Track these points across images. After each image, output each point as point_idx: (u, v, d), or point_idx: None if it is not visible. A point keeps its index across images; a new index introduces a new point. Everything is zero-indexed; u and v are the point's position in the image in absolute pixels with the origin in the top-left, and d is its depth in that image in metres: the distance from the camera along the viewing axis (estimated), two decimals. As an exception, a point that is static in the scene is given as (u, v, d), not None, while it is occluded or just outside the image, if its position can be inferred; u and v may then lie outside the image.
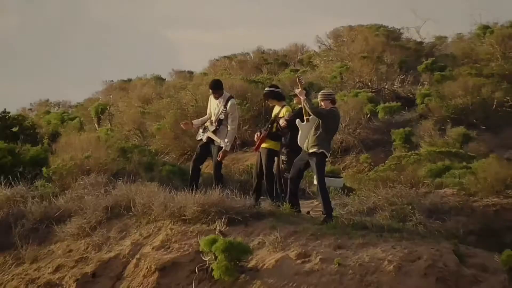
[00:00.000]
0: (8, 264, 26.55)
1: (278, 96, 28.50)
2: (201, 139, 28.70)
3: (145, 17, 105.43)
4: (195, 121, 28.81)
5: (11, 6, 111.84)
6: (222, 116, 28.28)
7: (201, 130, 28.70)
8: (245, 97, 38.76)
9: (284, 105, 28.19)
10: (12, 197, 27.90)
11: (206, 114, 28.67)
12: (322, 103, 26.80)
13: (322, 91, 27.65)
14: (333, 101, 27.04)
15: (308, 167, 27.11)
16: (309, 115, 26.14)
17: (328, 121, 26.46)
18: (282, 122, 27.52)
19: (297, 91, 26.68)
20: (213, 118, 28.42)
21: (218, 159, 28.24)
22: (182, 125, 29.30)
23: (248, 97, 38.84)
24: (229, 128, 28.34)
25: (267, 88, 29.36)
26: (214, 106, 28.70)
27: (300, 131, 26.39)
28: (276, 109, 28.07)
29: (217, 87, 29.01)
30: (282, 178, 27.95)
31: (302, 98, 26.40)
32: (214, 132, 28.26)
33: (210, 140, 28.48)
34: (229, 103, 28.47)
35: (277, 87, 29.57)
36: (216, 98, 28.63)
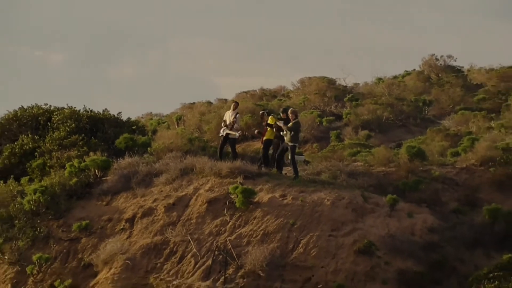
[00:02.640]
0: (129, 197, 26.37)
1: (268, 113, 28.61)
2: (222, 135, 28.68)
3: (204, 70, 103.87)
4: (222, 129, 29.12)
5: (128, 62, 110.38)
6: (233, 122, 28.32)
7: (222, 130, 28.71)
8: (254, 113, 38.58)
9: (271, 116, 28.16)
10: (132, 162, 27.74)
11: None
12: (290, 115, 26.80)
13: (291, 109, 27.62)
14: (297, 115, 27.09)
15: (287, 150, 27.04)
16: (287, 130, 26.27)
17: (297, 129, 26.49)
18: (276, 125, 27.61)
19: (280, 123, 26.91)
20: (228, 123, 28.39)
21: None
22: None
23: (255, 112, 38.66)
24: (235, 126, 28.34)
25: (262, 111, 29.82)
26: (228, 116, 28.57)
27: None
28: (269, 120, 27.94)
29: (237, 105, 29.24)
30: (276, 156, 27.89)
31: (282, 127, 26.60)
32: (230, 129, 28.31)
33: (227, 135, 28.38)
34: (237, 116, 28.55)
35: (266, 109, 30.15)
36: (233, 110, 28.65)
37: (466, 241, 23.49)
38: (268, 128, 27.92)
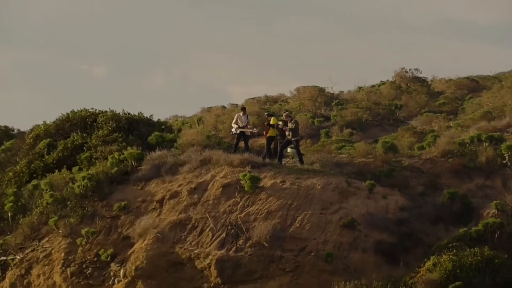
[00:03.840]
0: (159, 183, 26.08)
1: (271, 115, 28.47)
2: (236, 132, 28.40)
3: (219, 80, 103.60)
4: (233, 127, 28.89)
5: (158, 74, 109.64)
6: (246, 123, 28.20)
7: (233, 129, 28.50)
8: (259, 115, 38.33)
9: (273, 117, 28.13)
10: (161, 155, 27.06)
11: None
12: (287, 118, 26.99)
13: (286, 113, 28.01)
14: (291, 118, 27.24)
15: (289, 144, 27.16)
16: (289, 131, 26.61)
17: (297, 126, 26.61)
18: (279, 125, 27.58)
19: (281, 125, 27.21)
20: (241, 125, 28.22)
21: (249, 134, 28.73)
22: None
23: (260, 115, 38.38)
24: (249, 127, 28.26)
25: (266, 112, 29.74)
26: (242, 119, 28.25)
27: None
28: (271, 121, 27.88)
29: (245, 109, 29.04)
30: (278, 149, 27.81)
31: (284, 128, 26.93)
32: (243, 128, 28.14)
33: (241, 132, 28.16)
34: (249, 118, 28.47)
35: (269, 112, 30.34)
36: (243, 114, 28.49)
37: (429, 217, 23.54)
38: (271, 128, 27.97)
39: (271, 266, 22.51)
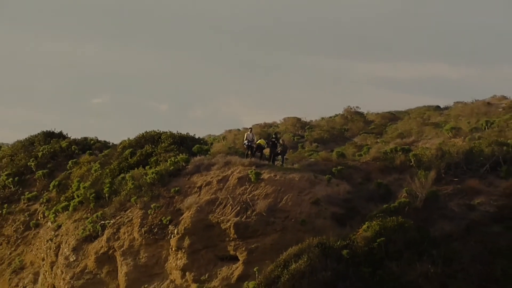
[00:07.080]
0: (199, 176, 25.52)
1: (275, 134, 28.10)
2: (246, 145, 27.46)
3: (235, 113, 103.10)
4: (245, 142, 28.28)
5: (198, 109, 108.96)
6: (254, 139, 27.87)
7: (245, 142, 27.73)
8: (260, 134, 38.11)
9: (261, 140, 27.58)
10: (201, 159, 26.60)
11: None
12: (282, 141, 26.66)
13: (282, 139, 27.70)
14: (284, 141, 27.05)
15: (278, 154, 26.93)
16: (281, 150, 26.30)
17: (286, 148, 26.43)
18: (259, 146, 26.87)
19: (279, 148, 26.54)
20: (249, 140, 27.42)
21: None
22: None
23: (260, 135, 38.15)
24: (255, 140, 27.68)
25: (274, 133, 29.15)
26: (249, 136, 27.26)
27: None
28: (259, 141, 27.36)
29: (251, 129, 28.56)
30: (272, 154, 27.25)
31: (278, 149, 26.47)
32: (252, 142, 27.69)
33: (249, 146, 27.32)
34: (254, 136, 28.08)
35: (276, 132, 29.59)
36: (250, 132, 27.79)
37: (365, 198, 23.45)
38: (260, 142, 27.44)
39: (268, 227, 22.52)
